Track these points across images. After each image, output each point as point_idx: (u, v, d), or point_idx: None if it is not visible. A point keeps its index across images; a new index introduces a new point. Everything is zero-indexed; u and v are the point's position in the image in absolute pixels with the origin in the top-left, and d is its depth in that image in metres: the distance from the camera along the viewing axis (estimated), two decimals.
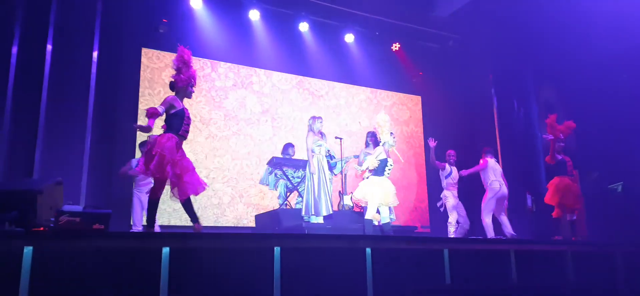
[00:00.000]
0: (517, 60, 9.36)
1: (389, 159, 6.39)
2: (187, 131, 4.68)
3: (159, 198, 4.61)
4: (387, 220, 6.36)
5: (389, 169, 6.42)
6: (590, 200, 6.80)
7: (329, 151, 7.46)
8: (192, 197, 4.65)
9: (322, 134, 7.31)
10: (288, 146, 8.32)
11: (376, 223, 6.25)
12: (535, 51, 8.97)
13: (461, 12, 9.72)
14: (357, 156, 7.99)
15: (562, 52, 8.37)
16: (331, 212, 6.98)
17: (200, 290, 3.87)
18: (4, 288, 3.27)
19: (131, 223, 6.99)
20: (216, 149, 8.68)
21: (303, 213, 7.04)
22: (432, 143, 7.60)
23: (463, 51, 10.20)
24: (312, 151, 7.09)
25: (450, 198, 7.67)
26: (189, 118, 4.69)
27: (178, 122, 4.59)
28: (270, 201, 8.72)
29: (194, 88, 4.81)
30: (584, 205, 6.91)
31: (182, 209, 4.73)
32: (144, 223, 4.97)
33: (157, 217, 4.82)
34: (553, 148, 6.75)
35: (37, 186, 3.72)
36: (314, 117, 7.34)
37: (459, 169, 7.86)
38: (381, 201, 6.24)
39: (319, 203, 6.95)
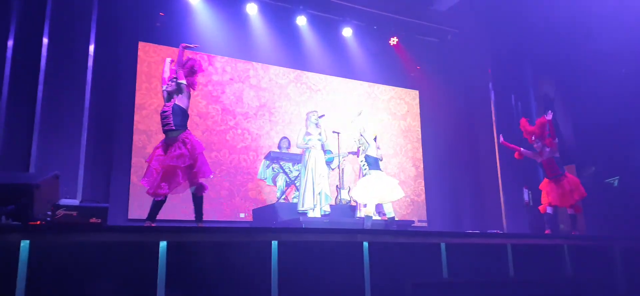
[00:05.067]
0: (515, 54, 9.36)
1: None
2: (163, 127, 4.86)
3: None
4: (393, 214, 6.39)
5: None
6: (588, 195, 6.79)
7: (323, 144, 7.40)
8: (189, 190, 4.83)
9: (317, 125, 7.31)
10: (282, 139, 8.33)
11: (376, 218, 6.27)
12: (533, 45, 8.97)
13: (459, 6, 9.70)
14: (354, 153, 7.97)
15: (561, 47, 8.37)
16: (304, 208, 6.94)
17: (197, 284, 3.87)
18: (1, 281, 3.27)
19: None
20: (213, 144, 8.66)
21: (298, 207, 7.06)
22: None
23: (461, 45, 10.18)
24: (306, 145, 7.14)
25: None
26: (161, 114, 4.89)
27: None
28: (268, 195, 8.72)
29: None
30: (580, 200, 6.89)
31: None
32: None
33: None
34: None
35: (34, 180, 3.70)
36: (309, 113, 7.40)
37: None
38: (385, 198, 6.26)
39: (301, 197, 7.01)
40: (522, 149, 6.99)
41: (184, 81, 4.85)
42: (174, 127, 4.75)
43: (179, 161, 4.62)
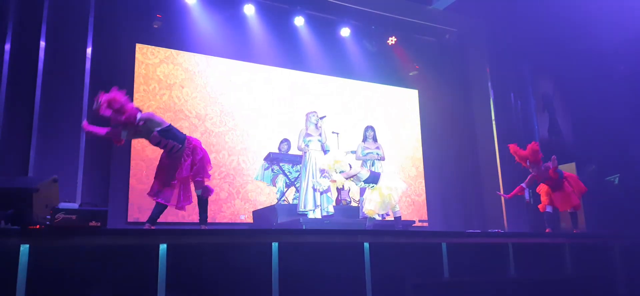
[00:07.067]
0: (513, 53, 9.36)
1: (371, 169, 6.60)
2: (169, 152, 4.88)
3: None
4: (399, 214, 6.39)
5: (376, 165, 6.50)
6: (589, 193, 6.79)
7: (323, 145, 7.39)
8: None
9: (316, 126, 7.31)
10: (283, 142, 8.30)
11: (379, 218, 6.27)
12: (532, 44, 8.97)
13: (457, 5, 9.68)
14: (354, 152, 7.96)
15: (559, 45, 8.37)
16: (303, 210, 6.93)
17: (198, 286, 3.85)
18: (1, 286, 3.24)
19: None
20: (212, 145, 8.63)
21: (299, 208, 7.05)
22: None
23: (459, 44, 10.18)
24: (306, 146, 7.14)
25: None
26: (158, 146, 4.88)
27: None
28: (268, 196, 8.69)
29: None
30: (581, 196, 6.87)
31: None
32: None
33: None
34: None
35: (32, 184, 3.68)
36: (309, 113, 7.40)
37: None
38: (393, 195, 6.26)
39: (301, 198, 7.03)
40: (523, 185, 6.63)
41: (133, 126, 4.62)
42: (179, 145, 4.77)
43: (191, 170, 4.76)
